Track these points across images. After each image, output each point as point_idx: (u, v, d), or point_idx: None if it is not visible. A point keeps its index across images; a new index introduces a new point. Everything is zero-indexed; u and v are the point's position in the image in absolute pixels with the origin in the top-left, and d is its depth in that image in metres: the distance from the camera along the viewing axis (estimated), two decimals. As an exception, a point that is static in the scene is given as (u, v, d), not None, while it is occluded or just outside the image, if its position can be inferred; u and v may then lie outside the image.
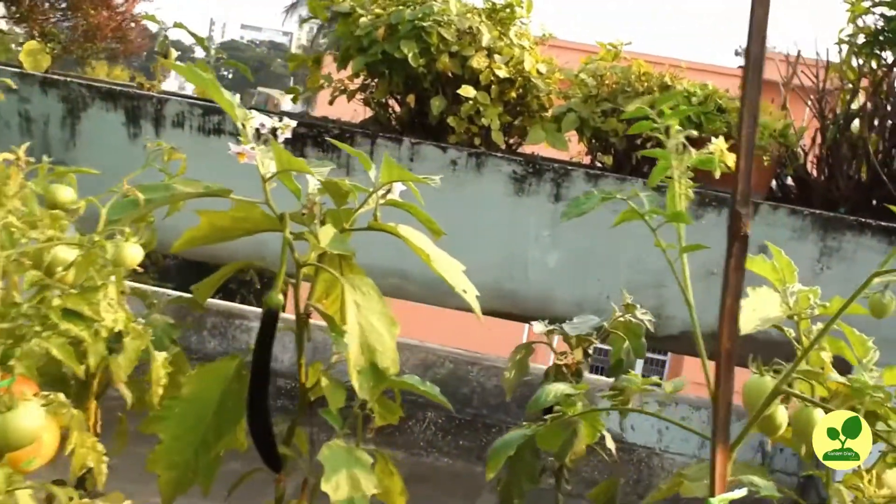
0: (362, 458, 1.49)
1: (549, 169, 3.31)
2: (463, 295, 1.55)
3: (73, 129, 3.74)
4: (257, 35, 60.34)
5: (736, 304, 1.09)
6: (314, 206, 1.53)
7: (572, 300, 3.42)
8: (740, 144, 0.96)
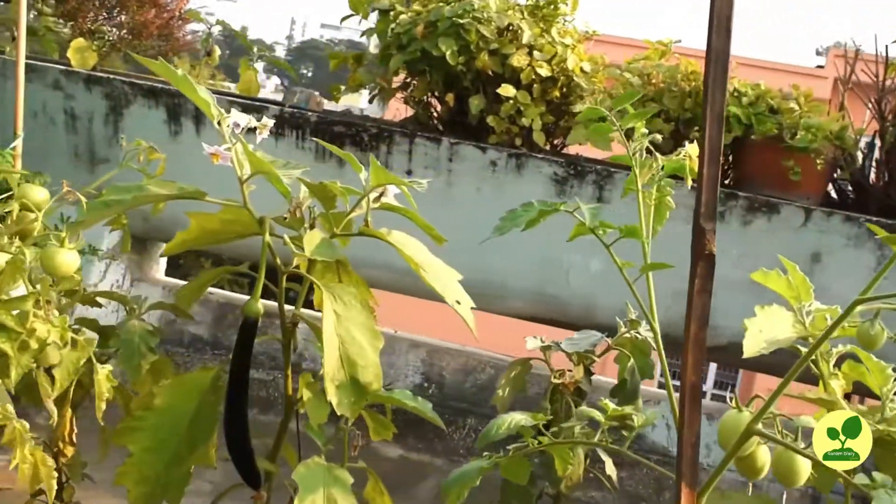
0: (342, 476, 1.41)
1: (591, 171, 3.18)
2: (455, 307, 1.45)
3: (116, 126, 3.74)
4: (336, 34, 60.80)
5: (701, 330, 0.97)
6: (298, 209, 1.45)
7: (614, 308, 3.27)
8: (703, 149, 0.84)
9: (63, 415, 1.48)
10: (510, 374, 1.68)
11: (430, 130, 3.46)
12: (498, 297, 3.45)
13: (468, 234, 3.43)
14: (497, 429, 1.31)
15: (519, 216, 1.05)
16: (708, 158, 0.82)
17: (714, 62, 0.80)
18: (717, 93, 0.81)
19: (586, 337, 1.63)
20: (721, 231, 3.25)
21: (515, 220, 1.07)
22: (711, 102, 0.80)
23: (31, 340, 0.97)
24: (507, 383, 1.67)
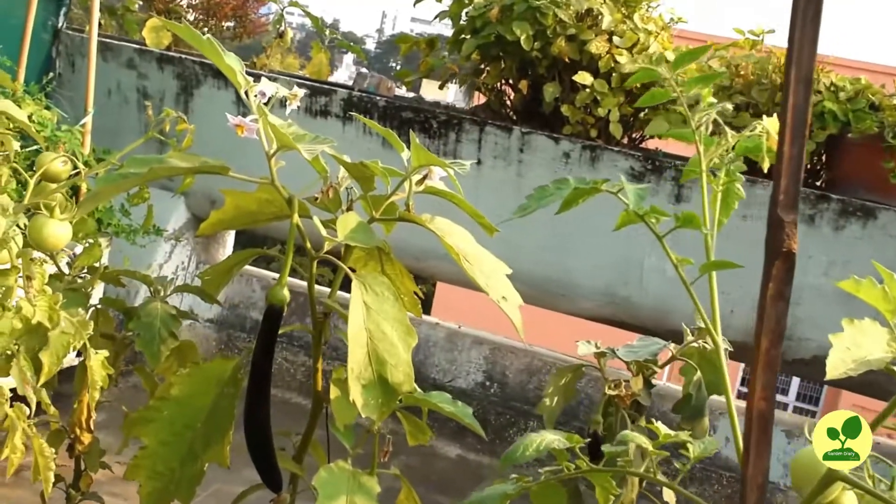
0: (367, 484, 1.29)
1: (670, 166, 3.00)
2: (501, 304, 1.31)
3: (187, 106, 3.70)
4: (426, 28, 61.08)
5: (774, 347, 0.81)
6: (332, 189, 1.33)
7: (692, 313, 3.09)
8: (784, 123, 0.67)
9: (81, 400, 1.39)
10: (559, 381, 1.53)
11: (502, 119, 3.32)
12: (567, 296, 3.29)
13: (538, 228, 3.29)
14: (524, 450, 1.15)
15: (549, 194, 0.89)
16: (790, 135, 0.66)
17: (802, 10, 0.64)
18: (804, 49, 0.65)
19: (647, 345, 1.47)
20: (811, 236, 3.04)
21: (543, 199, 0.91)
22: (797, 61, 0.64)
23: (14, 320, 0.87)
24: (555, 392, 1.52)
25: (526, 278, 3.34)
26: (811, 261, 3.08)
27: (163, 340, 1.36)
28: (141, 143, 1.37)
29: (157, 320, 1.37)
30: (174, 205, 3.80)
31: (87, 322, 0.97)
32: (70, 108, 3.47)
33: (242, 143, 2.60)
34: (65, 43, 3.77)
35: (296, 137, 1.22)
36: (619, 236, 3.21)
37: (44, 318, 0.90)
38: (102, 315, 1.48)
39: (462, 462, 3.47)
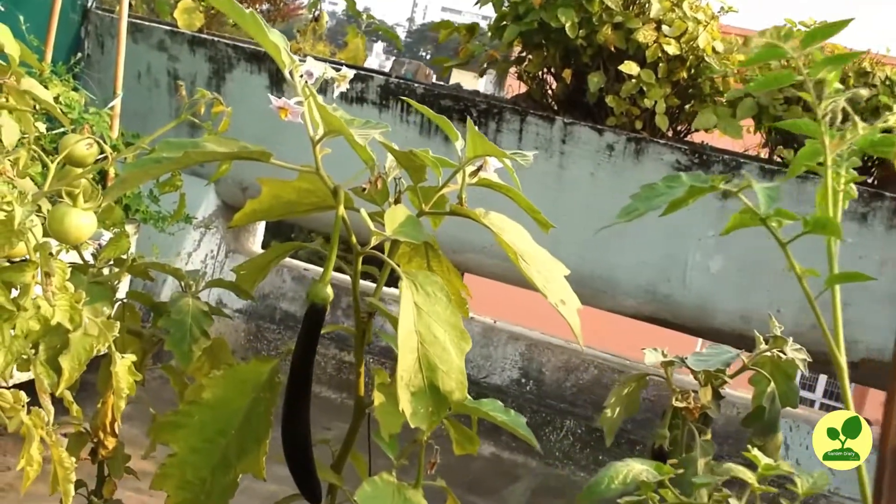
0: (413, 498, 1.19)
1: (717, 160, 2.87)
2: (558, 307, 1.21)
3: (219, 90, 3.61)
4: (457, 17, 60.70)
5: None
6: (380, 179, 1.23)
7: (736, 312, 2.98)
8: None
9: (105, 402, 1.30)
10: (622, 391, 1.42)
11: (544, 109, 3.21)
12: (608, 293, 3.18)
13: (579, 222, 3.17)
14: (609, 482, 1.03)
15: (658, 194, 0.78)
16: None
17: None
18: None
19: (717, 353, 1.36)
20: (863, 235, 2.91)
21: (652, 201, 0.79)
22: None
23: (31, 321, 0.78)
24: (617, 402, 1.41)
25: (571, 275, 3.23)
26: (862, 260, 2.95)
27: (194, 340, 1.26)
28: (173, 125, 1.27)
29: (188, 317, 1.27)
30: (204, 192, 3.72)
31: (112, 323, 0.88)
32: (98, 90, 3.39)
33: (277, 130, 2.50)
34: (94, 23, 3.69)
35: (345, 122, 1.12)
36: (663, 232, 3.10)
37: (64, 318, 0.81)
38: (129, 310, 1.39)
39: (496, 461, 3.38)
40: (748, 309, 2.96)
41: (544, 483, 3.51)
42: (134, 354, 1.30)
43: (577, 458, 3.54)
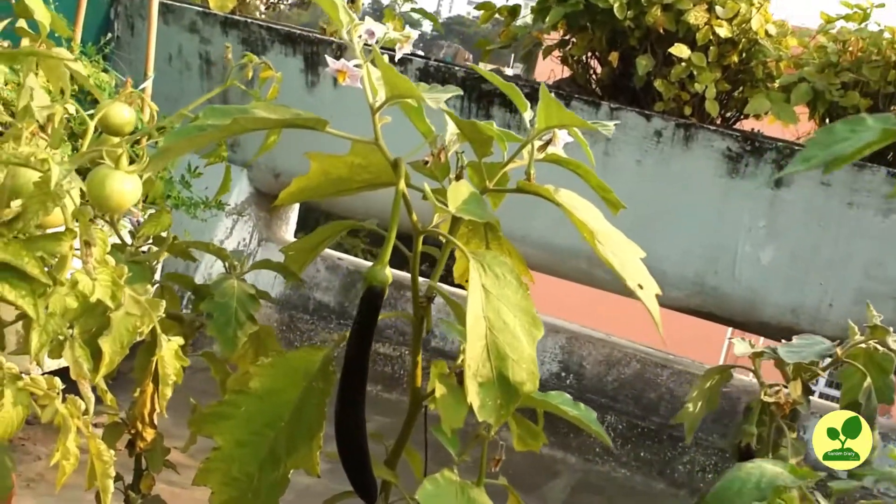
0: (479, 499, 1.09)
1: (771, 147, 2.75)
2: (637, 291, 1.11)
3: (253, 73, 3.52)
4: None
5: None
6: (442, 152, 1.13)
7: (786, 305, 2.86)
8: None
9: (144, 390, 1.21)
10: (704, 384, 1.31)
11: (588, 94, 3.10)
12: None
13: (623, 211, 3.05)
14: (741, 486, 0.91)
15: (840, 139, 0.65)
16: None
17: None
18: None
19: (810, 344, 1.25)
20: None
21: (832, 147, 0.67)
22: None
23: (69, 297, 0.69)
24: (699, 396, 1.30)
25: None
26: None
27: (240, 325, 1.17)
28: (217, 92, 1.18)
29: (233, 301, 1.18)
30: (236, 178, 3.63)
31: (157, 302, 0.78)
32: (129, 71, 3.31)
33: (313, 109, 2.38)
34: (123, 4, 3.62)
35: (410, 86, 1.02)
36: (710, 221, 2.98)
37: (105, 295, 0.72)
38: (168, 293, 1.30)
39: (535, 456, 3.27)
40: (799, 302, 2.84)
41: (584, 479, 3.40)
42: (174, 340, 1.22)
43: (617, 454, 3.44)
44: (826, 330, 2.74)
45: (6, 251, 0.65)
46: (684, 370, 3.37)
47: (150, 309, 0.76)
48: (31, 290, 0.66)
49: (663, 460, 3.37)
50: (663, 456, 3.38)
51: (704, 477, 3.24)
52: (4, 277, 0.65)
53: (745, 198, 2.81)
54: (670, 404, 3.37)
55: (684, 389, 3.36)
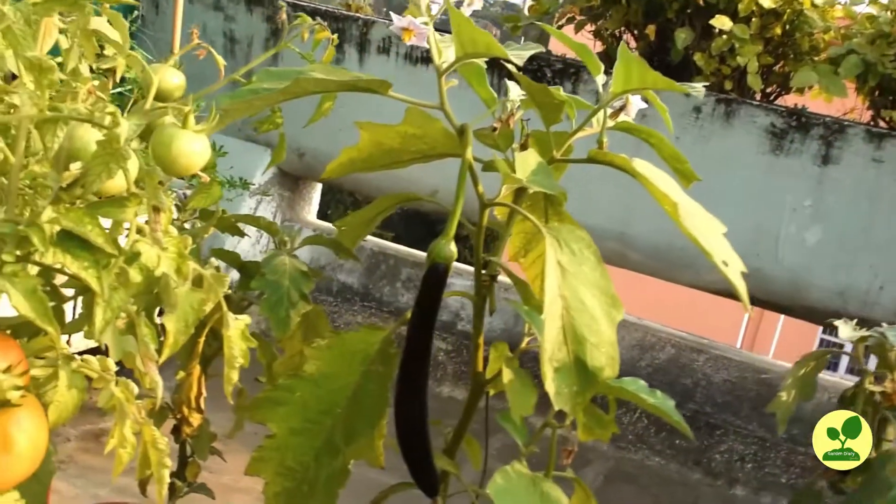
0: (552, 493, 1.02)
1: (818, 123, 2.65)
2: (722, 268, 1.03)
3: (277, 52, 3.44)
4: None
5: None
6: (511, 118, 1.05)
7: (833, 288, 2.77)
8: None
9: (190, 373, 1.14)
10: (798, 372, 1.22)
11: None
12: (691, 267, 2.98)
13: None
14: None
15: None
16: None
17: None
18: None
19: (922, 327, 1.16)
20: None
21: None
22: None
23: (132, 270, 0.61)
24: (792, 384, 1.21)
25: (643, 246, 3.03)
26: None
27: (292, 304, 1.09)
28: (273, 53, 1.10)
29: (285, 278, 1.10)
30: (260, 158, 3.57)
31: (223, 277, 0.71)
32: (155, 51, 3.24)
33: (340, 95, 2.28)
34: (148, -18, 3.54)
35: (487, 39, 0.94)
36: (752, 201, 2.88)
37: (170, 268, 0.64)
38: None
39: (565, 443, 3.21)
40: (847, 285, 2.75)
41: (617, 468, 3.33)
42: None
43: (651, 442, 3.36)
44: (876, 314, 2.65)
45: (67, 218, 0.58)
46: (721, 355, 3.28)
47: (216, 284, 0.69)
48: (94, 260, 0.59)
49: (699, 449, 3.29)
50: (700, 444, 3.29)
51: (743, 466, 3.16)
52: (66, 247, 0.58)
53: (789, 176, 2.71)
54: (706, 390, 3.29)
55: (721, 375, 3.27)
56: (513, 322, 3.50)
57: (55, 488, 2.08)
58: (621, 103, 1.12)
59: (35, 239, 0.58)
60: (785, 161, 2.70)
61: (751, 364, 3.26)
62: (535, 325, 1.11)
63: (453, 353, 3.55)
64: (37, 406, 0.64)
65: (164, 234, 0.63)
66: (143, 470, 0.85)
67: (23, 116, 0.62)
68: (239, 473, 1.12)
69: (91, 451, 2.31)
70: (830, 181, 2.66)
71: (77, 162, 0.64)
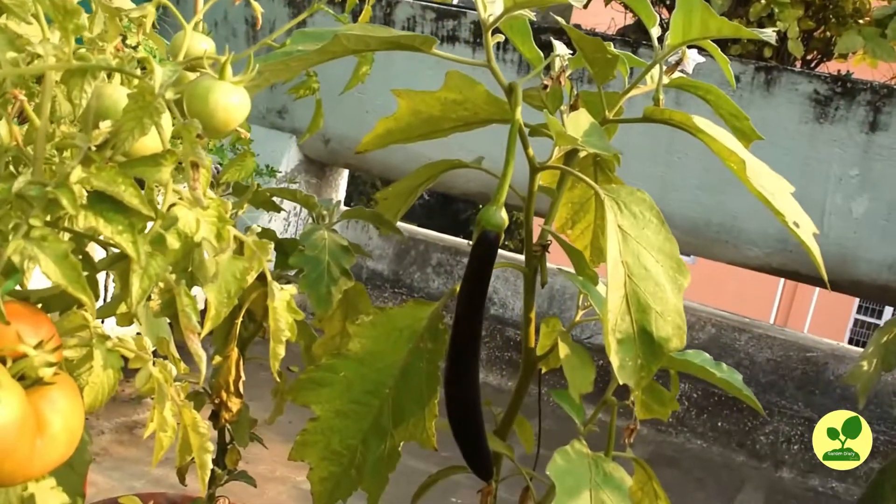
0: (615, 474, 0.95)
1: (865, 89, 2.56)
2: (794, 230, 0.96)
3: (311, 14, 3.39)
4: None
5: None
6: (562, 76, 0.99)
7: (883, 261, 2.67)
8: None
9: (228, 355, 1.08)
10: (880, 339, 1.14)
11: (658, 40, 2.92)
12: (730, 243, 2.89)
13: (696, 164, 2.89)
14: None
15: None
16: None
17: None
18: None
19: None
20: None
21: None
22: None
23: (170, 235, 0.55)
24: (874, 353, 1.13)
25: (679, 222, 2.95)
26: None
27: (333, 280, 1.03)
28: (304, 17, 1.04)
29: (324, 254, 1.04)
30: (285, 145, 3.52)
31: (265, 244, 0.65)
32: (177, 37, 3.19)
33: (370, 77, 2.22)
34: (168, -31, 3.49)
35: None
36: (796, 171, 2.79)
37: (211, 233, 0.58)
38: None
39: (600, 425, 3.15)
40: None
41: (657, 451, 3.26)
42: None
43: (692, 424, 3.29)
44: None
45: (99, 178, 0.52)
46: (764, 334, 3.20)
47: (260, 251, 0.63)
48: (129, 224, 0.53)
49: (743, 431, 3.22)
50: (742, 426, 3.22)
51: (790, 448, 3.08)
52: (98, 210, 0.52)
53: (834, 145, 2.62)
54: (749, 370, 3.21)
55: (765, 355, 3.19)
56: (546, 305, 3.43)
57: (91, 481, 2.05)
58: (677, 58, 1.05)
59: (65, 201, 0.52)
60: (829, 129, 2.61)
61: (795, 342, 3.18)
62: (592, 297, 1.05)
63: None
64: (71, 385, 0.58)
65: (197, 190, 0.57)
66: (183, 456, 0.80)
67: (48, 67, 0.56)
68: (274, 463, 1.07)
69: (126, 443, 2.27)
70: (878, 148, 2.57)
71: (107, 121, 0.59)
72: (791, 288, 12.42)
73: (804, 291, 12.24)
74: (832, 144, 2.62)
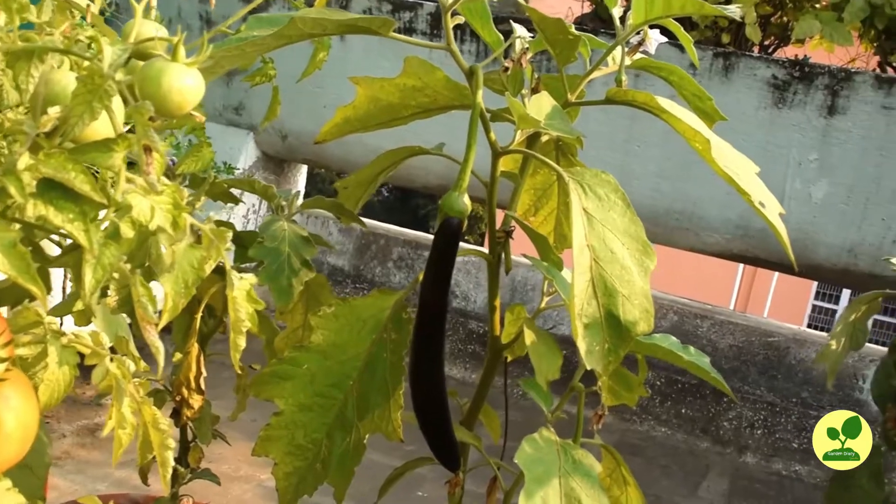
0: (584, 461, 0.94)
1: (822, 73, 2.58)
2: (760, 210, 0.95)
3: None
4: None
5: None
6: (524, 58, 0.97)
7: (842, 245, 2.70)
8: None
9: (188, 351, 1.06)
10: (848, 317, 1.13)
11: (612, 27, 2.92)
12: (691, 230, 2.91)
13: (655, 152, 2.90)
14: None
15: None
16: None
17: None
18: None
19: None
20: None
21: None
22: None
23: (123, 223, 0.53)
24: (842, 332, 1.12)
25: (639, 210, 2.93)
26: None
27: (294, 272, 1.01)
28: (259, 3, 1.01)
29: (284, 245, 1.02)
30: (243, 141, 3.48)
31: (223, 232, 0.63)
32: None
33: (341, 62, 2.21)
34: (121, -37, 3.43)
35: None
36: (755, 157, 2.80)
37: (166, 221, 0.56)
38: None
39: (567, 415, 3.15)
40: (858, 241, 2.68)
41: (622, 440, 3.27)
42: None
43: (656, 412, 3.30)
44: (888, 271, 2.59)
45: (48, 164, 0.50)
46: (726, 320, 3.22)
47: (218, 239, 0.61)
48: (80, 212, 0.50)
49: (707, 417, 3.24)
50: (706, 413, 3.24)
51: (753, 433, 3.11)
52: (48, 198, 0.50)
53: (793, 129, 2.64)
54: (712, 356, 3.22)
55: (727, 341, 3.22)
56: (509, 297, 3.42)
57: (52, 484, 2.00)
58: (639, 38, 1.04)
59: (12, 189, 0.50)
60: (788, 114, 2.63)
61: (756, 328, 3.20)
62: (557, 282, 1.04)
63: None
64: (24, 381, 0.56)
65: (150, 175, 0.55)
66: (144, 455, 0.78)
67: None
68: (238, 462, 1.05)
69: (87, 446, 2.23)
70: (837, 132, 2.59)
71: (55, 106, 0.56)
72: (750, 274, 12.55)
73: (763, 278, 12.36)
74: (791, 129, 2.64)
